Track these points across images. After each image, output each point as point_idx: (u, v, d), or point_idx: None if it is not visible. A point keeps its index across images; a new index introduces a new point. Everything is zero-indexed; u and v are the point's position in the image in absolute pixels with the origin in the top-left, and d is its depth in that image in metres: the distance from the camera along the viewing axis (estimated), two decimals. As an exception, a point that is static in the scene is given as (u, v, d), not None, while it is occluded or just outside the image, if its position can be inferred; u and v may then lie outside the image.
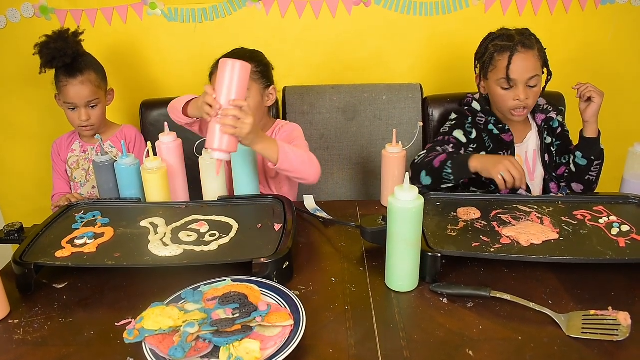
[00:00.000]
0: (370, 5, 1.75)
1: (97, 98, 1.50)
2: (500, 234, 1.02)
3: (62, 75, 1.47)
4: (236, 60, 1.01)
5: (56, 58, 1.44)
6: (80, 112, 1.49)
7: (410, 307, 0.88)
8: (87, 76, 1.47)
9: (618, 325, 0.77)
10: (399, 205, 0.87)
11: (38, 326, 0.85)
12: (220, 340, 0.72)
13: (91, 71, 1.49)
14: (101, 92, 1.52)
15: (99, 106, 1.52)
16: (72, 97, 1.47)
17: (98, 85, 1.51)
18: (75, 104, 1.48)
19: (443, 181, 1.24)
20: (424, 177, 1.26)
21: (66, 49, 1.44)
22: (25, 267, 0.92)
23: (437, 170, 1.23)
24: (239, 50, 1.36)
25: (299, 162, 1.17)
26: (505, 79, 1.28)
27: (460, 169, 1.20)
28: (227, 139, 1.03)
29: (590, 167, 1.33)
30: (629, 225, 1.03)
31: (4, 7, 1.74)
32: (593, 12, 1.76)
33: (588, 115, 1.29)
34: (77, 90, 1.46)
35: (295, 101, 1.67)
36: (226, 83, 1.02)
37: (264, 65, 1.35)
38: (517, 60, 1.26)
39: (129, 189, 1.23)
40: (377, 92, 1.66)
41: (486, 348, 0.77)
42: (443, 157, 1.24)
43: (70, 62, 1.45)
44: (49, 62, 1.45)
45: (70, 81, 1.46)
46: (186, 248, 0.98)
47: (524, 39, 1.28)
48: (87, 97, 1.47)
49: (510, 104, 1.31)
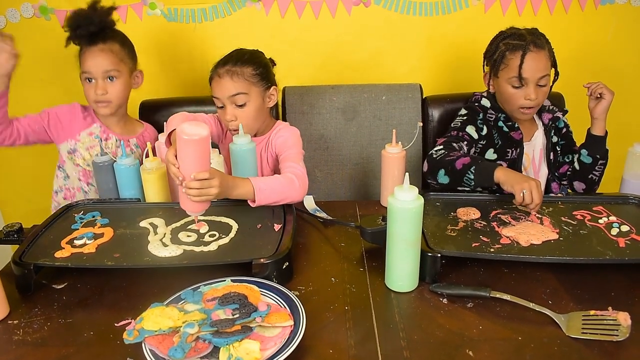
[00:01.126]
0: (370, 6, 1.75)
1: (117, 70, 1.36)
2: (500, 234, 1.02)
3: (84, 44, 1.35)
4: (189, 138, 0.94)
5: (81, 25, 1.32)
6: (97, 84, 1.35)
7: (410, 307, 0.88)
8: (109, 45, 1.35)
9: (618, 325, 0.78)
10: (398, 206, 0.87)
11: (38, 327, 0.85)
12: (220, 341, 0.72)
13: (115, 42, 1.37)
14: (124, 66, 1.39)
15: (119, 81, 1.38)
16: (89, 65, 1.34)
17: (121, 59, 1.38)
18: (91, 74, 1.35)
19: (462, 184, 1.20)
20: (442, 176, 1.23)
21: (93, 17, 1.32)
22: (25, 268, 0.92)
23: (459, 172, 1.19)
24: (239, 51, 1.35)
25: (278, 192, 1.13)
26: (517, 77, 1.27)
27: (484, 177, 1.16)
28: (197, 204, 1.01)
29: (594, 165, 1.33)
30: (628, 225, 1.03)
31: (3, 7, 1.73)
32: (592, 12, 1.76)
33: (597, 112, 1.29)
34: (94, 57, 1.34)
35: (295, 101, 1.67)
36: (184, 158, 0.97)
37: (262, 67, 1.32)
38: (530, 60, 1.26)
39: (128, 189, 1.23)
40: (376, 93, 1.66)
41: (486, 348, 0.77)
42: (466, 161, 1.19)
43: (95, 31, 1.33)
44: (73, 31, 1.32)
45: (89, 48, 1.34)
46: (186, 248, 0.98)
47: (535, 39, 1.28)
48: (105, 66, 1.34)
49: (520, 102, 1.30)
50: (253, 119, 1.30)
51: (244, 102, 1.27)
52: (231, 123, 1.28)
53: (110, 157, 1.25)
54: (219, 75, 1.28)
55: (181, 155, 0.98)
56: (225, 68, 1.27)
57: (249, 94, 1.27)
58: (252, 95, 1.28)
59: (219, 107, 1.31)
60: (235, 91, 1.26)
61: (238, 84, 1.26)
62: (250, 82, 1.27)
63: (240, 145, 1.19)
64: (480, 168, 1.17)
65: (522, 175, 1.14)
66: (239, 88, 1.26)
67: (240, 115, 1.28)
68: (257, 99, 1.30)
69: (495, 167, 1.15)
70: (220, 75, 1.27)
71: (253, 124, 1.32)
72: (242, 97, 1.27)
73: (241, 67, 1.27)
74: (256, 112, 1.30)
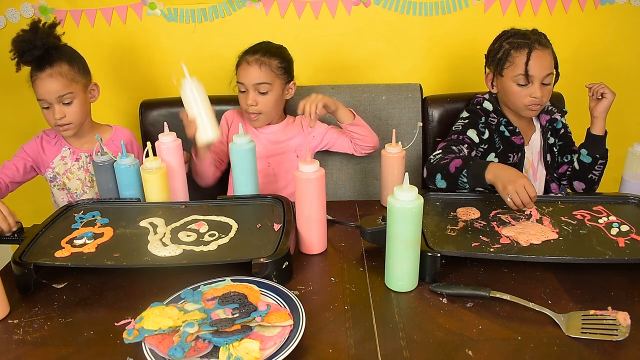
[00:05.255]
0: (370, 5, 1.75)
1: (70, 92, 1.33)
2: (500, 234, 1.02)
3: (33, 70, 1.32)
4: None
5: (26, 51, 1.28)
6: (54, 110, 1.33)
7: (410, 307, 0.88)
8: (57, 69, 1.31)
9: (617, 325, 0.78)
10: (398, 206, 0.87)
11: (38, 326, 0.85)
12: (219, 340, 0.72)
13: (63, 63, 1.33)
14: (76, 86, 1.35)
15: (75, 102, 1.35)
16: (41, 92, 1.31)
17: (72, 79, 1.34)
18: (45, 100, 1.32)
19: (458, 187, 1.21)
20: (439, 181, 1.24)
21: (35, 41, 1.28)
22: (25, 267, 0.92)
23: (453, 176, 1.20)
24: (268, 43, 1.44)
25: (367, 128, 1.41)
26: (523, 75, 1.27)
27: (476, 179, 1.16)
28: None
29: (594, 165, 1.33)
30: (628, 225, 1.03)
31: (3, 7, 1.73)
32: (592, 12, 1.76)
33: (598, 111, 1.29)
34: (44, 84, 1.31)
35: (295, 101, 1.66)
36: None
37: (287, 62, 1.44)
38: (536, 57, 1.26)
39: (128, 189, 1.23)
40: (376, 92, 1.66)
41: (486, 348, 0.77)
42: (459, 163, 1.19)
43: (40, 55, 1.29)
44: (20, 57, 1.30)
45: (38, 75, 1.31)
46: (185, 248, 0.98)
47: (539, 38, 1.29)
48: (57, 91, 1.31)
49: (525, 100, 1.30)
50: (272, 107, 1.43)
51: (267, 91, 1.39)
52: (251, 107, 1.40)
53: (111, 157, 1.25)
54: (247, 62, 1.39)
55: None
56: (255, 57, 1.38)
57: (273, 84, 1.39)
58: (275, 85, 1.40)
59: (242, 92, 1.41)
60: (260, 80, 1.38)
61: (264, 74, 1.38)
62: (275, 74, 1.39)
63: (240, 145, 1.19)
64: (471, 171, 1.17)
65: (508, 175, 1.10)
66: (265, 77, 1.38)
67: (261, 102, 1.40)
68: (279, 89, 1.42)
69: (486, 168, 1.14)
70: (250, 63, 1.38)
71: (271, 112, 1.44)
72: (266, 86, 1.38)
73: (269, 59, 1.38)
74: (275, 102, 1.43)
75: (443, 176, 1.23)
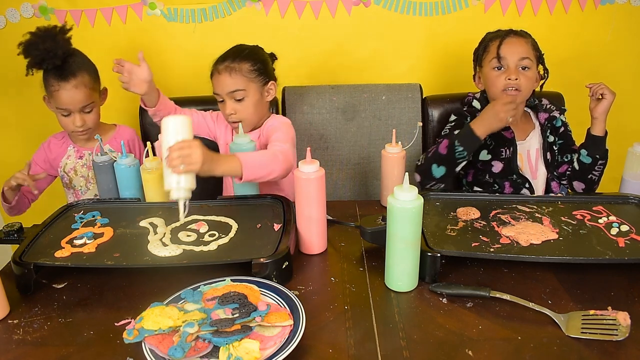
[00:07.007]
0: (370, 6, 1.75)
1: (92, 102, 1.39)
2: (500, 233, 1.02)
3: (53, 79, 1.34)
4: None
5: (45, 60, 1.31)
6: (74, 118, 1.38)
7: (410, 307, 0.88)
8: (80, 79, 1.36)
9: (617, 325, 0.77)
10: (398, 205, 0.87)
11: (38, 326, 0.85)
12: (219, 340, 0.72)
13: (84, 73, 1.37)
14: (95, 94, 1.42)
15: (95, 109, 1.41)
16: (66, 102, 1.36)
17: (92, 87, 1.40)
18: (69, 110, 1.37)
19: (457, 162, 1.26)
20: (436, 169, 1.27)
21: (56, 50, 1.31)
22: (25, 267, 0.92)
23: (448, 155, 1.24)
24: (238, 47, 1.38)
25: (264, 166, 1.13)
26: (496, 58, 1.31)
27: (470, 141, 1.24)
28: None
29: (594, 165, 1.33)
30: (628, 225, 1.03)
31: (3, 7, 1.74)
32: (592, 12, 1.76)
33: (598, 112, 1.29)
34: (70, 95, 1.35)
35: (295, 101, 1.67)
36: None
37: (260, 63, 1.35)
38: (509, 42, 1.31)
39: (128, 189, 1.23)
40: (376, 92, 1.66)
41: (485, 348, 0.77)
42: (446, 143, 1.27)
43: (60, 64, 1.33)
44: (37, 64, 1.33)
45: (62, 85, 1.34)
46: (185, 248, 0.98)
47: (517, 30, 1.34)
48: (81, 101, 1.37)
49: (501, 83, 1.31)
50: (252, 113, 1.35)
51: (242, 97, 1.32)
52: (231, 116, 1.34)
53: (111, 157, 1.25)
54: (218, 72, 1.32)
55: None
56: (224, 64, 1.31)
57: (247, 90, 1.32)
58: (250, 90, 1.33)
59: (220, 102, 1.35)
60: (233, 87, 1.31)
61: (236, 80, 1.31)
62: (248, 78, 1.32)
63: (240, 145, 1.19)
64: (462, 137, 1.25)
65: (488, 111, 1.25)
66: (237, 84, 1.31)
67: (239, 110, 1.33)
68: (255, 94, 1.34)
69: (471, 128, 1.24)
70: (220, 72, 1.32)
71: (252, 118, 1.37)
72: (241, 92, 1.32)
73: (239, 64, 1.31)
74: (255, 107, 1.35)
75: (438, 163, 1.26)
